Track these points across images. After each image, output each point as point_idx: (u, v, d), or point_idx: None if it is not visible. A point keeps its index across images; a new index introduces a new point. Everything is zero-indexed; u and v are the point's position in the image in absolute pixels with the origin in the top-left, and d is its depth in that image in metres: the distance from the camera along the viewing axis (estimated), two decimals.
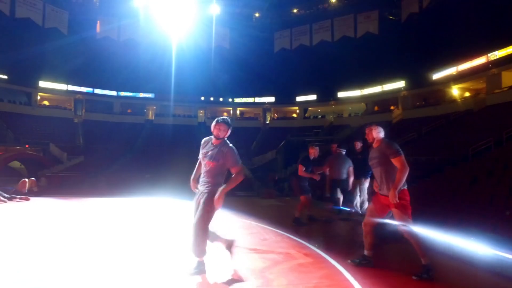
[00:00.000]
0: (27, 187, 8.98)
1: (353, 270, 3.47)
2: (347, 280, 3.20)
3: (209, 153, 3.25)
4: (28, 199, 8.38)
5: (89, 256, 3.78)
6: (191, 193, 3.22)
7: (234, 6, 33.02)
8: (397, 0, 29.78)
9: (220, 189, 3.12)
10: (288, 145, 28.82)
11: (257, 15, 35.23)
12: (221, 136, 3.23)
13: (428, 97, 27.78)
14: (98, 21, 33.58)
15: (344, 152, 6.66)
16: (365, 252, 3.62)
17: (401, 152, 3.37)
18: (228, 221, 6.11)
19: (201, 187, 3.25)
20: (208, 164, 3.23)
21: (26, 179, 9.22)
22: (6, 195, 8.02)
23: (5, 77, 29.41)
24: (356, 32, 31.89)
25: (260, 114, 38.29)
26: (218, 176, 3.23)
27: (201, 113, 37.90)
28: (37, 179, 10.36)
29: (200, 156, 3.35)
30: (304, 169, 5.87)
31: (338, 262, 3.73)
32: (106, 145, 27.05)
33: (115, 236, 4.90)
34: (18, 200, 8.21)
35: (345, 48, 31.32)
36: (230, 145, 3.29)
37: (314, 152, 6.02)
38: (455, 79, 24.83)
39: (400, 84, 29.33)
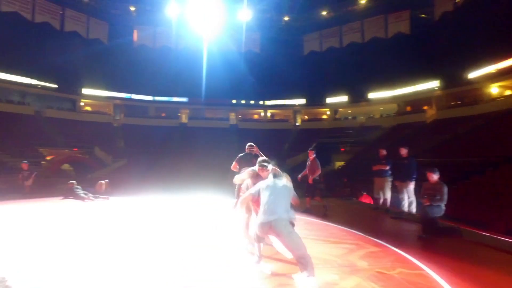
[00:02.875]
0: (103, 188, 10.26)
1: (416, 254, 4.16)
2: (413, 263, 3.89)
3: None
4: (108, 198, 9.66)
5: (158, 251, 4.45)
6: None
7: (264, 12, 33.79)
8: None
9: None
10: (320, 146, 29.17)
11: (286, 18, 35.81)
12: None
13: (464, 96, 27.21)
14: (135, 30, 35.51)
15: None
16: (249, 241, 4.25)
17: None
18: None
19: None
20: None
21: (103, 181, 10.52)
22: (92, 195, 9.35)
23: (56, 86, 31.90)
24: (386, 32, 31.72)
25: (291, 116, 38.84)
26: None
27: (232, 115, 39.06)
28: (95, 181, 11.51)
29: None
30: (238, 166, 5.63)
31: (400, 250, 4.42)
32: (145, 148, 28.62)
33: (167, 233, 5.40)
34: (101, 199, 9.52)
35: (375, 49, 31.25)
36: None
37: (255, 150, 6.11)
38: (494, 77, 24.27)
39: (434, 83, 28.90)
